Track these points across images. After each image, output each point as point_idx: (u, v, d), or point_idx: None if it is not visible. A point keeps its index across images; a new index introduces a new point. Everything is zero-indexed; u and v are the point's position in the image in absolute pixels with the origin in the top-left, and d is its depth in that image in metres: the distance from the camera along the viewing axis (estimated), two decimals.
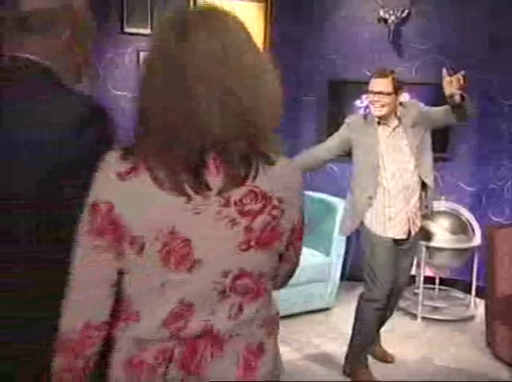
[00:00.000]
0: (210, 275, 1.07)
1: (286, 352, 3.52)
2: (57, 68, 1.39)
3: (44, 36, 1.37)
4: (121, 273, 1.09)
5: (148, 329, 1.08)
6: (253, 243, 1.08)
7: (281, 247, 1.14)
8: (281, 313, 1.53)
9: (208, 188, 1.04)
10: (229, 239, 1.07)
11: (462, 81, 2.76)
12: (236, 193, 1.06)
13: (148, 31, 4.02)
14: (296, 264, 1.28)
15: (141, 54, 4.00)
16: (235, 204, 1.06)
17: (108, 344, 1.11)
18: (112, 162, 1.07)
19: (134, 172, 1.05)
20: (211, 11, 1.10)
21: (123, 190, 1.05)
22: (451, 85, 2.78)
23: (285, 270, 1.24)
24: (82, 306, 1.07)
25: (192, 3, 4.18)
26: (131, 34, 3.97)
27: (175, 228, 1.04)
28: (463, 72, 2.79)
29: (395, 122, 3.03)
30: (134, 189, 1.05)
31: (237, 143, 1.05)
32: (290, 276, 1.30)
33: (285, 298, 3.92)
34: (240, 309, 1.10)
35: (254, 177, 1.06)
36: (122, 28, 3.93)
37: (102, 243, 1.06)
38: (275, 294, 1.23)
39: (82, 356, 1.08)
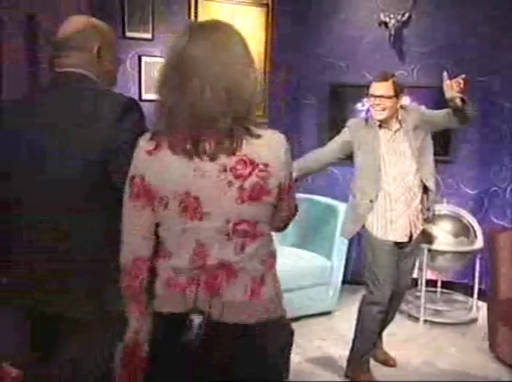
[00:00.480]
0: (216, 223, 1.44)
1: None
2: (93, 74, 1.79)
3: (80, 51, 1.78)
4: (157, 226, 1.49)
5: (179, 264, 1.47)
6: (246, 199, 1.43)
7: (271, 200, 1.47)
8: None
9: (206, 155, 1.41)
10: (227, 196, 1.42)
11: (462, 84, 2.77)
12: (230, 162, 1.41)
13: (149, 35, 4.03)
14: (290, 213, 1.62)
15: (143, 58, 4.01)
16: (230, 170, 1.41)
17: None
18: (143, 144, 1.47)
19: (158, 148, 1.44)
20: (213, 23, 1.51)
21: (151, 164, 1.44)
22: (452, 88, 2.79)
23: (281, 216, 1.58)
24: (131, 248, 1.50)
25: (193, 7, 4.19)
26: (132, 39, 3.98)
27: (188, 190, 1.42)
28: (463, 76, 2.79)
29: (396, 125, 3.04)
30: (159, 162, 1.43)
31: (224, 120, 1.39)
32: (288, 222, 1.65)
33: (287, 302, 3.91)
34: (242, 247, 1.46)
35: (241, 149, 1.41)
36: (123, 33, 3.93)
37: (139, 204, 1.47)
38: None
39: (137, 279, 1.51)
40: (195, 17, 4.21)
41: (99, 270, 1.68)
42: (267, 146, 1.45)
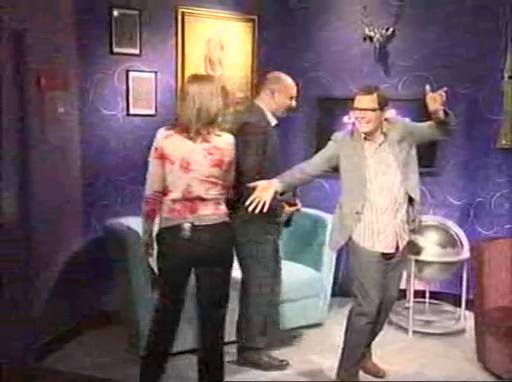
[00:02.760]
0: (198, 176, 2.74)
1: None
2: (265, 106, 3.42)
3: (263, 91, 3.45)
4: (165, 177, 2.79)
5: (175, 197, 2.77)
6: (213, 165, 2.75)
7: (224, 167, 2.80)
8: None
9: (194, 140, 2.74)
10: (204, 163, 2.74)
11: (445, 97, 2.82)
12: (206, 146, 2.74)
13: (136, 51, 4.06)
14: (231, 181, 2.96)
15: (130, 73, 4.04)
16: (207, 150, 2.75)
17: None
18: (162, 132, 2.78)
19: (171, 135, 2.76)
20: (204, 75, 3.30)
21: (167, 142, 2.75)
22: (435, 101, 2.83)
23: (230, 179, 2.93)
24: (153, 186, 2.78)
25: (180, 23, 4.23)
26: (120, 54, 4.00)
27: (185, 157, 2.73)
28: (445, 88, 2.84)
29: (381, 137, 3.07)
30: (171, 142, 2.74)
31: (196, 125, 2.73)
32: (230, 188, 2.98)
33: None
34: (209, 189, 2.77)
35: (212, 140, 2.76)
36: (111, 48, 3.96)
37: (159, 162, 2.76)
38: None
39: (155, 204, 2.80)
40: (182, 32, 4.25)
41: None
42: (224, 140, 2.81)
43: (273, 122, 3.41)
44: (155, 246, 2.86)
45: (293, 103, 3.43)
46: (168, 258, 2.78)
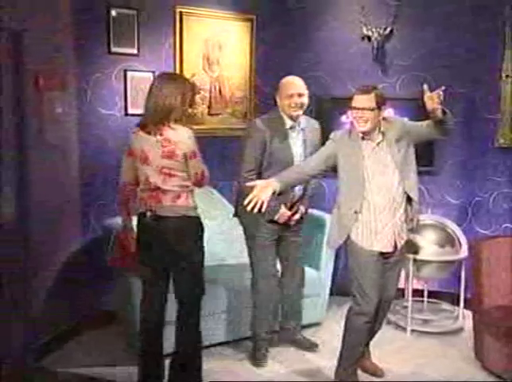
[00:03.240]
0: (154, 167, 2.92)
1: (278, 368, 3.54)
2: (280, 109, 3.54)
3: (276, 94, 3.57)
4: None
5: (141, 188, 3.00)
6: (164, 156, 2.89)
7: (178, 159, 2.90)
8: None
9: (151, 134, 2.91)
10: (158, 154, 2.90)
11: (442, 96, 2.82)
12: (160, 138, 2.89)
13: (134, 51, 4.06)
14: (197, 174, 2.96)
15: (128, 73, 4.04)
16: (160, 142, 2.89)
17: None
18: (134, 131, 3.00)
19: (138, 132, 2.97)
20: (173, 74, 3.54)
21: (134, 139, 2.99)
22: (433, 100, 2.84)
23: (193, 174, 2.95)
24: (125, 178, 3.06)
25: (178, 23, 4.24)
26: (118, 54, 4.00)
27: (144, 149, 2.93)
28: (443, 87, 2.85)
29: (379, 137, 3.08)
30: (136, 137, 2.98)
31: (152, 119, 2.90)
32: (199, 182, 3.00)
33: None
34: (165, 180, 2.92)
35: (165, 133, 2.88)
36: (109, 48, 3.96)
37: (130, 158, 3.02)
38: None
39: (128, 194, 3.08)
40: (180, 32, 4.26)
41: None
42: (177, 133, 2.88)
43: (288, 124, 3.52)
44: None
45: (294, 100, 3.46)
46: (140, 241, 3.02)
